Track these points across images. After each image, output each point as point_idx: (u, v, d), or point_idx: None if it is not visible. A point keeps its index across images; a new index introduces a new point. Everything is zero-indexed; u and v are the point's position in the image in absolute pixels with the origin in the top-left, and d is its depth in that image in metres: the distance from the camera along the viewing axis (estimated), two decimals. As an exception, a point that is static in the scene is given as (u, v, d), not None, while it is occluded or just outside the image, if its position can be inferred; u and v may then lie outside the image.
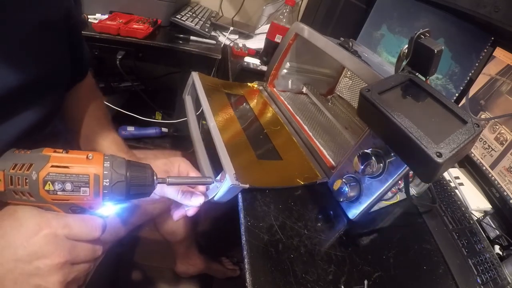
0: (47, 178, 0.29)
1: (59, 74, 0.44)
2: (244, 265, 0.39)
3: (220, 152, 0.49)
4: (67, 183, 0.29)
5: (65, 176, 0.29)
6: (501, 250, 0.59)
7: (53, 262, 0.29)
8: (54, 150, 0.31)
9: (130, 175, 0.32)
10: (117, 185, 0.31)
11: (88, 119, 0.55)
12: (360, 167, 0.46)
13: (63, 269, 0.29)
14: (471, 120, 0.39)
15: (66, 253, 0.29)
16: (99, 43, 0.92)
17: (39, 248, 0.28)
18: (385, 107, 0.40)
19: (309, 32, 0.68)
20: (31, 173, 0.29)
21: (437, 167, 0.36)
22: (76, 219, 0.31)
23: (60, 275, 0.29)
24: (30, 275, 0.28)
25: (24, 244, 0.28)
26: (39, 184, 0.29)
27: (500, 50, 0.73)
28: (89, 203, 0.31)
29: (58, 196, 0.29)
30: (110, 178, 0.31)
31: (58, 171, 0.29)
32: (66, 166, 0.30)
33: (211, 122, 0.57)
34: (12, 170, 0.29)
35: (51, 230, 0.29)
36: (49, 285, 0.29)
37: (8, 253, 0.28)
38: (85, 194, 0.30)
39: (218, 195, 0.45)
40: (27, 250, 0.28)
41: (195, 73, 0.70)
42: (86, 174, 0.30)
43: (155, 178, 0.35)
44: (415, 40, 0.42)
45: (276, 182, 0.52)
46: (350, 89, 0.88)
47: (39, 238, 0.28)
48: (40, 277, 0.28)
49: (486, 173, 0.71)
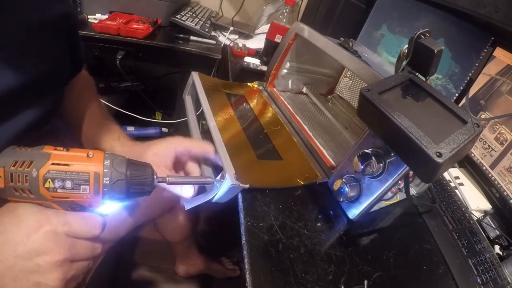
0: (48, 175, 0.29)
1: (59, 73, 0.44)
2: (244, 265, 0.39)
3: (220, 152, 0.49)
4: (67, 181, 0.29)
5: (66, 174, 0.29)
6: (501, 250, 0.59)
7: (53, 259, 0.29)
8: (54, 148, 0.31)
9: (130, 173, 0.32)
10: (117, 183, 0.31)
11: (87, 111, 0.55)
12: (360, 167, 0.46)
13: (62, 266, 0.29)
14: (471, 120, 0.39)
15: (66, 250, 0.30)
16: (99, 43, 0.92)
17: (39, 245, 0.28)
18: (385, 107, 0.40)
19: (309, 32, 0.68)
20: (32, 170, 0.29)
21: (437, 167, 0.36)
22: (76, 216, 0.31)
23: (60, 272, 0.29)
24: (30, 272, 0.28)
25: (24, 240, 0.28)
26: (39, 181, 0.29)
27: (500, 50, 0.73)
28: (89, 201, 0.31)
29: (58, 193, 0.30)
30: (110, 176, 0.31)
31: (59, 169, 0.29)
32: (67, 164, 0.30)
33: (211, 122, 0.57)
34: (12, 167, 0.29)
35: (51, 227, 0.29)
36: (48, 282, 0.29)
37: (8, 250, 0.28)
38: (85, 192, 0.30)
39: (218, 195, 0.45)
40: (27, 247, 0.28)
41: (195, 73, 0.70)
42: (86, 172, 0.30)
43: (155, 177, 0.35)
44: (415, 40, 0.42)
45: (276, 182, 0.52)
46: (350, 89, 0.88)
47: (39, 235, 0.28)
48: (40, 274, 0.28)
49: (486, 173, 0.71)
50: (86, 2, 0.99)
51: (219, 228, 1.19)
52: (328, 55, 0.63)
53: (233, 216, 0.46)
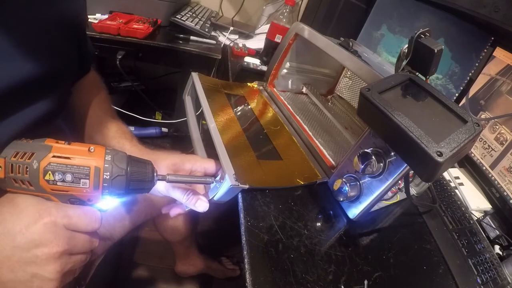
0: (48, 167, 0.29)
1: (68, 69, 0.45)
2: (244, 265, 0.39)
3: (219, 152, 0.49)
4: (67, 174, 0.29)
5: (66, 167, 0.29)
6: (501, 250, 0.59)
7: (51, 251, 0.28)
8: (56, 141, 0.31)
9: (130, 170, 0.32)
10: (117, 179, 0.31)
11: (93, 110, 0.55)
12: (361, 167, 0.46)
13: (60, 258, 0.29)
14: (471, 120, 0.39)
15: (64, 242, 0.29)
16: (99, 43, 0.92)
17: (38, 236, 0.28)
18: (385, 107, 0.40)
19: (309, 32, 0.68)
20: (32, 162, 0.29)
21: (438, 166, 0.36)
22: (76, 210, 0.31)
23: (58, 264, 0.29)
24: (27, 263, 0.28)
25: (23, 231, 0.28)
26: (39, 173, 0.29)
27: (500, 50, 0.73)
28: (88, 195, 0.31)
29: (57, 186, 0.30)
30: (110, 171, 0.31)
31: (59, 162, 0.29)
32: (68, 157, 0.30)
33: (211, 123, 0.57)
34: (13, 158, 0.29)
35: (51, 219, 0.29)
36: (45, 273, 0.29)
37: (6, 240, 0.27)
38: (84, 186, 0.30)
39: (217, 195, 0.45)
40: (26, 237, 0.28)
41: (195, 74, 0.70)
42: (87, 166, 0.30)
43: (155, 174, 0.35)
44: (415, 39, 0.42)
45: (276, 182, 0.52)
46: (350, 89, 0.88)
47: (39, 226, 0.28)
48: (37, 266, 0.28)
49: (486, 173, 0.71)
50: (86, 2, 0.99)
51: (219, 228, 1.19)
52: (327, 55, 0.63)
53: (233, 216, 0.46)
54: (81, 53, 0.49)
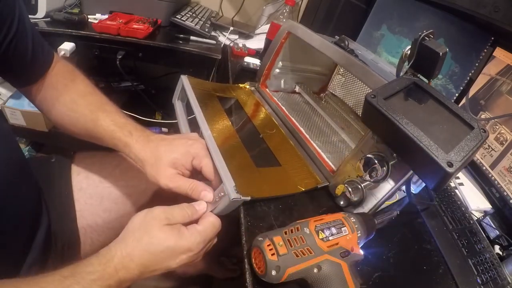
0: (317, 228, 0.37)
1: None
2: (244, 265, 0.39)
3: (217, 163, 0.46)
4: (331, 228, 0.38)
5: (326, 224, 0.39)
6: (501, 250, 0.59)
7: (190, 257, 0.41)
8: None
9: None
10: None
11: (81, 100, 0.52)
12: (364, 172, 0.46)
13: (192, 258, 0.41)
14: (478, 126, 0.39)
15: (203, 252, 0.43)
16: (99, 43, 0.92)
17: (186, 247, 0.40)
18: (393, 115, 0.38)
19: (302, 30, 0.66)
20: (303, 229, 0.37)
21: (448, 177, 0.35)
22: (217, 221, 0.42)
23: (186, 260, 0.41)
24: (169, 261, 0.41)
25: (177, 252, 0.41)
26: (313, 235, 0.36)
27: (500, 50, 0.73)
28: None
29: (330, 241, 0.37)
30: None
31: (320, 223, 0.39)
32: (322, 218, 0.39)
33: (206, 131, 0.54)
34: (285, 234, 0.37)
35: None
36: (173, 266, 0.41)
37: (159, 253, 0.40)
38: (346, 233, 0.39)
39: (218, 208, 0.43)
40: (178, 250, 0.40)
41: (184, 77, 0.66)
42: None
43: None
44: (420, 42, 0.41)
45: (277, 191, 0.50)
46: (343, 86, 0.88)
47: None
48: (174, 263, 0.41)
49: (486, 173, 0.71)
50: (86, 2, 0.99)
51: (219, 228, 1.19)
52: (320, 53, 0.62)
53: (233, 216, 0.46)
54: (35, 48, 0.46)
